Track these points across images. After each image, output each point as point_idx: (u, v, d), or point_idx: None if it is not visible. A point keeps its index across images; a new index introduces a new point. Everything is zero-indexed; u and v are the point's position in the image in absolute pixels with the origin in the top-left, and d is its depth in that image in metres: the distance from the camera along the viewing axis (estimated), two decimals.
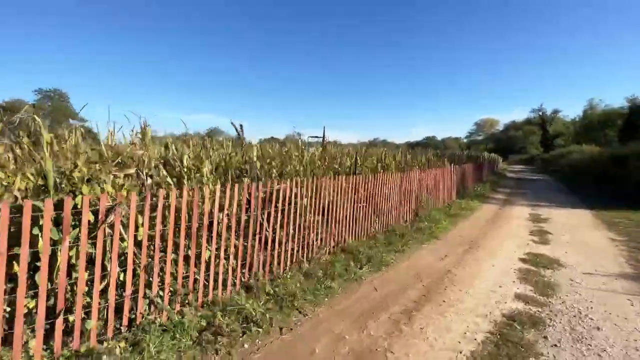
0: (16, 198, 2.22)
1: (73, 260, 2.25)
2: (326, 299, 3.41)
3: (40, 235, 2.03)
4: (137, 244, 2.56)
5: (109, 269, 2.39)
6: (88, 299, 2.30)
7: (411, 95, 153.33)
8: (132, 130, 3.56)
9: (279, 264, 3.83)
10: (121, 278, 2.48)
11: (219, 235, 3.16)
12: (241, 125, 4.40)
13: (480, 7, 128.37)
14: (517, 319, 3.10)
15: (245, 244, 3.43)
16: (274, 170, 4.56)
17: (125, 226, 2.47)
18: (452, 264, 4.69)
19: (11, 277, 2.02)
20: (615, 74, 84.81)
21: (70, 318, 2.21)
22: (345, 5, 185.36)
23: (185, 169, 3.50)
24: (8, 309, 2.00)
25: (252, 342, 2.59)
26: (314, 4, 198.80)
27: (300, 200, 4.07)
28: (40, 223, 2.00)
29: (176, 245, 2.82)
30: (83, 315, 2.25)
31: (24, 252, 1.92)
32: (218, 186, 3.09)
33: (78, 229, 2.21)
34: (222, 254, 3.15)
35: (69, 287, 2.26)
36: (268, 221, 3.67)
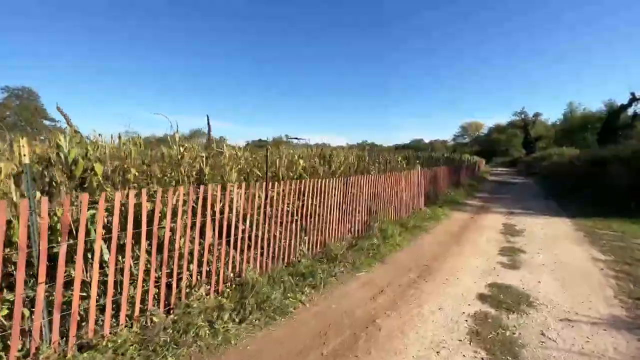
0: None
1: None
2: None
3: None
4: None
5: None
6: None
7: (401, 100, 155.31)
8: None
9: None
10: None
11: None
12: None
13: (466, 12, 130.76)
14: None
15: None
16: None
17: None
18: (386, 305, 3.39)
19: None
20: (594, 78, 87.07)
21: None
22: (334, 9, 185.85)
23: None
24: None
25: None
26: (301, 6, 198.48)
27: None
28: None
29: None
30: None
31: None
32: None
33: None
34: None
35: None
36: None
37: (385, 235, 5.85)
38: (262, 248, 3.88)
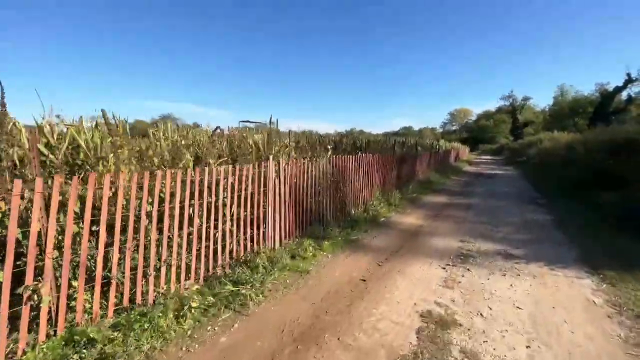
0: None
1: None
2: None
3: None
4: None
5: None
6: None
7: (393, 88, 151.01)
8: None
9: None
10: None
11: None
12: None
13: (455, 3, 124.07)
14: None
15: None
16: None
17: None
18: None
19: None
20: (587, 60, 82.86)
21: None
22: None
23: None
24: None
25: None
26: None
27: None
28: None
29: None
30: None
31: None
32: None
33: None
34: None
35: None
36: None
37: None
38: None
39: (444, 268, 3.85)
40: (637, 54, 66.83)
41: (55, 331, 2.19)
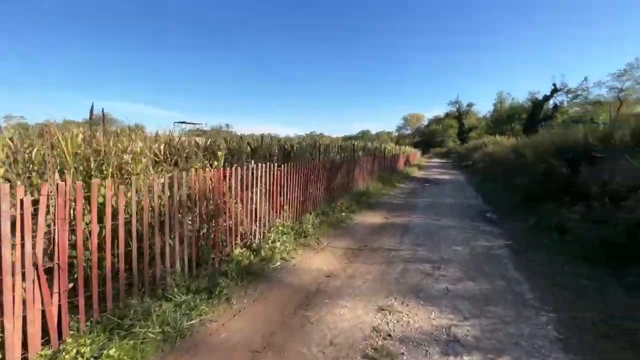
0: None
1: None
2: None
3: None
4: None
5: None
6: None
7: (352, 92, 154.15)
8: None
9: None
10: None
11: None
12: None
13: (408, 9, 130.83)
14: None
15: None
16: None
17: None
18: None
19: None
20: (524, 69, 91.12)
21: None
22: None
23: None
24: None
25: None
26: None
27: None
28: None
29: None
30: None
31: None
32: None
33: None
34: None
35: None
36: None
37: None
38: None
39: None
40: (563, 63, 76.05)
41: None
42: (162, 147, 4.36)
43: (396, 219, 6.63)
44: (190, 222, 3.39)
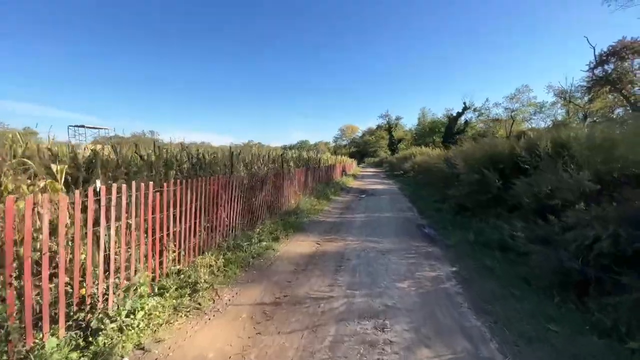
0: None
1: None
2: None
3: None
4: None
5: None
6: None
7: (291, 102, 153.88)
8: None
9: None
10: None
11: None
12: None
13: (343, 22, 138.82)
14: None
15: None
16: None
17: None
18: None
19: None
20: (446, 85, 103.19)
21: None
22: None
23: None
24: None
25: None
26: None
27: None
28: None
29: None
30: None
31: None
32: None
33: None
34: None
35: None
36: None
37: None
38: None
39: None
40: (473, 83, 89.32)
41: None
42: None
43: (329, 244, 5.46)
44: None
